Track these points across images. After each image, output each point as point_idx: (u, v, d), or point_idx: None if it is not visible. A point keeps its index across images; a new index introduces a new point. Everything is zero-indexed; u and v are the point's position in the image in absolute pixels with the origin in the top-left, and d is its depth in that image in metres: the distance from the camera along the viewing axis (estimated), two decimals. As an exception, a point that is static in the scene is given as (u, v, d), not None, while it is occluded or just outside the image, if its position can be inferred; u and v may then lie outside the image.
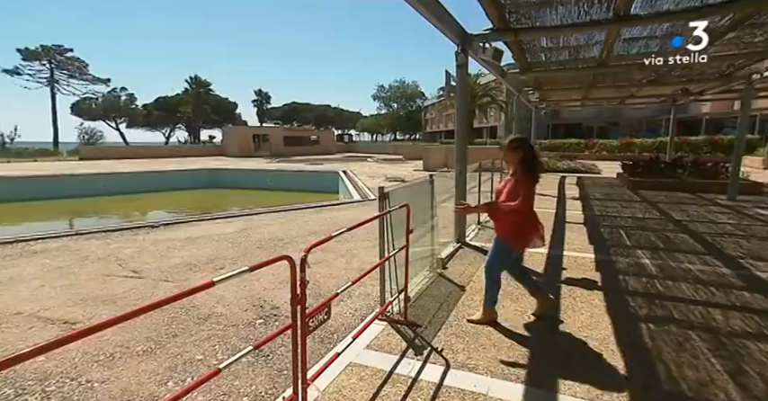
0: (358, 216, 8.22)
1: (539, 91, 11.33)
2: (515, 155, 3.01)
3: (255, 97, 65.68)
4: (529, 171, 2.97)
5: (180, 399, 1.39)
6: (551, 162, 19.06)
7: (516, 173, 3.02)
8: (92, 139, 43.59)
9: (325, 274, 4.50)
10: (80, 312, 3.57)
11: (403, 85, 71.24)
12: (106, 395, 2.38)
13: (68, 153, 32.55)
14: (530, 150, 3.02)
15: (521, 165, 2.98)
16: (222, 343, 3.00)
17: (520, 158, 2.99)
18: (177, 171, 20.05)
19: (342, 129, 70.70)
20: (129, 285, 4.25)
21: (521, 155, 2.99)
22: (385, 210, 3.27)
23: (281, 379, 2.53)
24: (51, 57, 43.50)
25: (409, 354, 2.78)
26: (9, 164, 24.00)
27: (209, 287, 1.45)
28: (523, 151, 3.00)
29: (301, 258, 1.89)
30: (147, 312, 1.22)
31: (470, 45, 5.40)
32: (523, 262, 3.52)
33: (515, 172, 3.04)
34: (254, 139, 35.68)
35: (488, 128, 44.87)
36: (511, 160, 3.07)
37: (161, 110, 51.30)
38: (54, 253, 5.49)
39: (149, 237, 6.40)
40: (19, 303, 3.75)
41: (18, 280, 4.40)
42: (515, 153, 3.02)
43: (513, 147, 3.04)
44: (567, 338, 2.95)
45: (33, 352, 0.94)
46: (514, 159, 3.02)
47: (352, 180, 14.58)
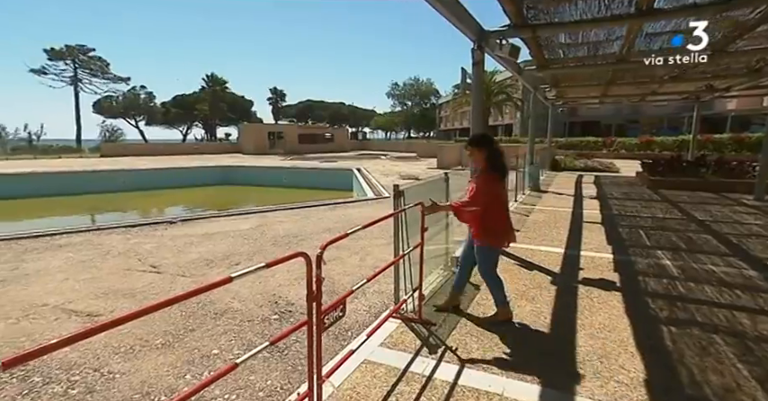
0: (372, 213, 8.23)
1: (556, 88, 11.13)
2: (481, 154, 2.96)
3: (271, 95, 66.31)
4: (495, 169, 2.94)
5: (197, 392, 1.41)
6: (568, 160, 18.75)
7: (483, 172, 2.96)
8: (112, 137, 44.65)
9: (339, 271, 4.52)
10: (102, 305, 3.67)
11: (417, 83, 70.93)
12: (127, 386, 2.44)
13: (90, 150, 33.41)
14: (495, 147, 2.97)
15: (488, 163, 2.94)
16: (238, 338, 3.04)
17: (485, 156, 2.94)
18: (194, 168, 20.38)
19: (356, 127, 70.84)
20: (147, 279, 4.34)
21: (486, 153, 2.95)
22: (400, 208, 3.27)
23: (296, 375, 2.55)
24: (75, 57, 44.65)
25: (423, 353, 2.77)
26: (36, 160, 24.78)
27: (227, 283, 1.47)
28: (488, 149, 2.95)
29: (317, 255, 1.90)
30: (167, 306, 1.24)
31: (487, 42, 5.32)
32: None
33: (483, 170, 2.97)
34: (269, 137, 36.00)
35: (504, 125, 44.37)
36: (476, 158, 3.00)
37: (179, 107, 52.18)
38: (77, 247, 5.65)
39: (167, 233, 6.53)
40: (45, 295, 3.87)
41: (44, 272, 4.55)
42: (481, 151, 2.96)
43: (479, 144, 2.99)
44: (585, 339, 2.89)
45: (60, 344, 0.96)
46: (480, 157, 2.97)
47: (366, 177, 14.60)
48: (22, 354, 0.89)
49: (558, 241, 5.74)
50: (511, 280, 4.15)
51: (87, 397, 2.33)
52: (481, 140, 2.99)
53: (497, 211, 3.02)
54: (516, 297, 3.71)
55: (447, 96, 62.54)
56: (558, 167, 17.58)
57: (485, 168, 2.94)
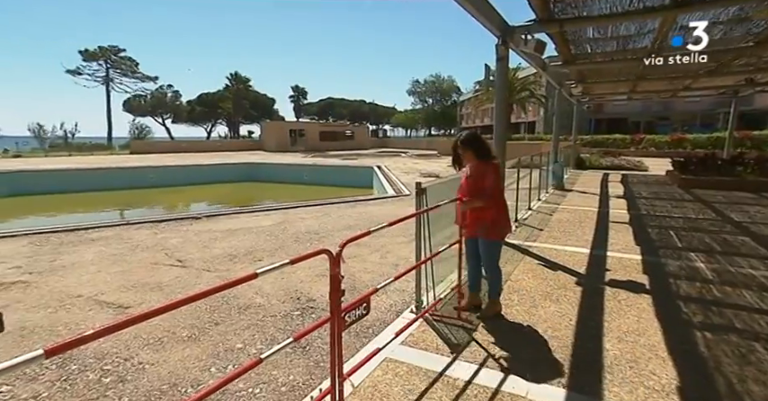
0: (392, 211, 8.22)
1: (582, 84, 10.84)
2: (469, 151, 3.08)
3: (292, 93, 67.07)
4: (488, 157, 3.07)
5: (224, 386, 1.43)
6: (593, 158, 18.24)
7: (478, 165, 3.08)
8: (141, 134, 46.07)
9: (360, 269, 4.53)
10: (131, 297, 3.79)
11: (438, 80, 70.31)
12: (156, 376, 2.51)
13: (120, 147, 34.64)
14: (481, 141, 3.11)
15: (479, 153, 3.06)
16: (261, 333, 3.09)
17: (475, 150, 3.06)
18: (217, 165, 20.84)
19: (376, 125, 70.96)
20: (174, 273, 4.46)
21: (475, 147, 3.07)
22: (422, 206, 3.25)
23: (318, 371, 2.57)
24: (107, 58, 46.33)
25: (444, 352, 2.75)
26: (71, 157, 25.85)
27: (253, 278, 1.49)
28: (475, 145, 3.08)
29: (337, 252, 1.90)
30: (197, 300, 1.27)
31: (511, 37, 5.22)
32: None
33: (477, 164, 3.09)
34: (291, 134, 36.45)
35: (526, 123, 43.53)
36: (467, 156, 3.12)
37: (203, 106, 53.43)
38: (108, 241, 5.86)
39: (193, 228, 6.69)
40: (79, 286, 4.03)
41: (78, 265, 4.73)
42: (468, 149, 3.08)
43: (464, 143, 3.09)
44: (613, 342, 2.81)
45: (98, 334, 0.99)
46: (471, 155, 3.09)
47: (387, 175, 14.59)
48: (64, 343, 0.92)
49: (583, 241, 5.59)
50: (534, 281, 4.07)
51: (119, 386, 2.41)
52: (466, 139, 3.11)
53: (504, 202, 3.17)
54: (540, 297, 3.63)
55: (468, 93, 61.80)
56: (582, 166, 17.13)
57: (480, 158, 3.07)
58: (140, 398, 2.30)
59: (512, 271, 4.38)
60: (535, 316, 3.25)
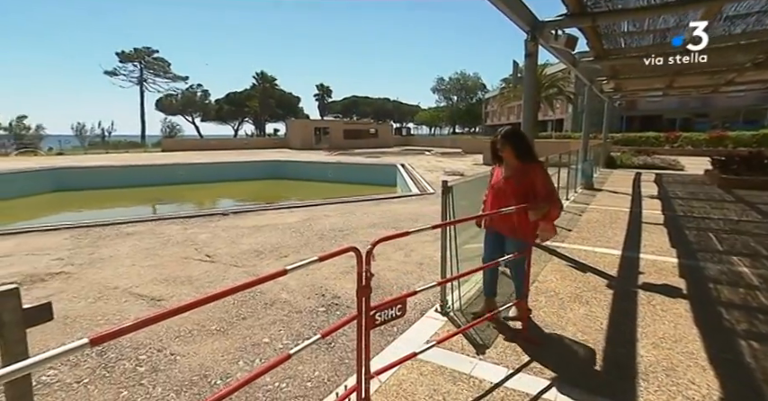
0: (416, 209, 8.18)
1: (614, 80, 10.46)
2: (509, 148, 2.85)
3: (317, 91, 67.73)
4: (531, 156, 2.88)
5: (254, 380, 1.46)
6: (624, 157, 17.61)
7: (522, 166, 2.85)
8: (172, 133, 47.66)
9: (384, 267, 4.53)
10: (163, 290, 3.92)
11: (463, 77, 69.47)
12: (186, 367, 2.59)
13: (152, 145, 35.92)
14: (525, 138, 2.91)
15: (520, 152, 2.86)
16: (287, 328, 3.13)
17: (515, 147, 2.85)
18: (244, 162, 21.30)
19: (400, 123, 70.81)
20: (203, 268, 4.58)
21: (515, 144, 2.86)
22: (448, 205, 3.21)
23: (343, 368, 2.58)
24: (141, 59, 48.16)
25: (470, 352, 2.71)
26: (107, 154, 27.02)
27: (282, 275, 1.50)
28: (515, 141, 2.86)
29: (367, 251, 1.89)
30: (231, 295, 1.29)
31: (541, 33, 5.09)
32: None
33: (518, 164, 2.86)
34: (316, 132, 36.85)
35: (554, 120, 42.45)
36: (507, 154, 2.89)
37: (231, 104, 54.71)
38: (142, 235, 6.08)
39: (221, 224, 6.86)
40: (115, 279, 4.21)
41: (114, 258, 4.94)
42: (507, 145, 2.85)
43: (506, 138, 2.85)
44: (647, 348, 2.70)
45: (139, 325, 1.02)
46: (511, 153, 2.86)
47: (411, 173, 14.54)
48: (108, 333, 0.96)
49: (614, 242, 5.40)
50: (563, 282, 3.96)
51: (153, 375, 2.50)
52: (511, 135, 2.87)
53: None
54: (569, 299, 3.53)
55: (494, 91, 60.79)
56: (613, 164, 16.57)
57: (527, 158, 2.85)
58: (173, 388, 2.38)
59: (539, 272, 4.28)
60: (564, 319, 3.16)
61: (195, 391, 2.35)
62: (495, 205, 2.96)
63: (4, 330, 0.96)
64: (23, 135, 31.76)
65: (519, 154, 2.84)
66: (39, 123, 33.20)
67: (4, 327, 0.96)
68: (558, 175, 7.95)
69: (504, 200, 2.89)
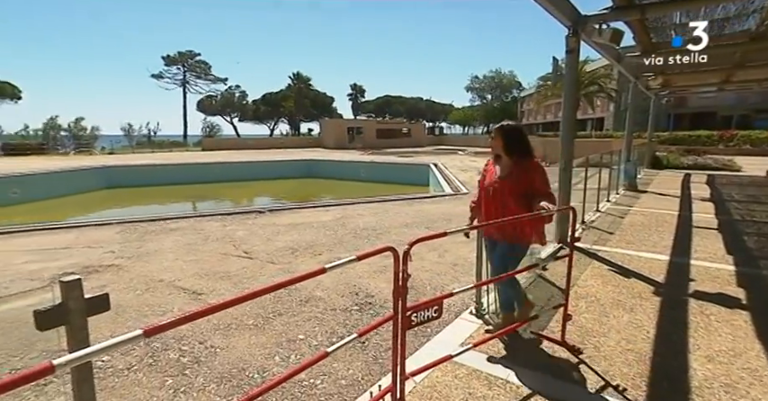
0: (449, 209, 8.09)
1: (662, 76, 9.90)
2: (504, 143, 2.70)
3: (351, 91, 68.41)
4: (525, 150, 2.71)
5: (292, 377, 1.48)
6: (672, 157, 16.65)
7: (521, 163, 2.68)
8: (211, 132, 49.58)
9: (417, 267, 4.50)
10: (204, 284, 4.08)
11: (498, 75, 67.95)
12: (225, 360, 2.68)
13: (193, 144, 37.52)
14: (522, 132, 2.75)
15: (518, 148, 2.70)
16: (321, 326, 3.18)
17: (510, 143, 2.70)
18: (280, 161, 21.84)
19: (433, 122, 70.30)
20: (241, 264, 4.73)
21: (511, 140, 2.70)
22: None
23: (376, 367, 2.59)
24: (185, 62, 50.46)
25: (507, 357, 2.64)
26: (153, 153, 28.48)
27: (321, 273, 1.52)
28: (512, 137, 2.71)
29: (404, 251, 1.88)
30: (273, 291, 1.32)
31: (583, 27, 4.89)
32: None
33: (517, 161, 2.69)
34: (349, 132, 37.24)
35: (594, 119, 40.76)
36: (499, 147, 2.73)
37: (267, 105, 56.23)
38: (184, 231, 6.36)
39: (257, 222, 7.06)
40: (160, 272, 4.42)
41: (159, 252, 5.19)
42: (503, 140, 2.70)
43: (499, 132, 2.70)
44: (701, 362, 2.53)
45: (189, 318, 1.07)
46: (505, 149, 2.71)
47: (443, 173, 14.40)
48: (160, 325, 1.01)
49: (660, 247, 5.12)
50: (604, 287, 3.80)
51: (195, 366, 2.60)
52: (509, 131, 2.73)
53: None
54: (611, 305, 3.38)
55: (530, 89, 59.13)
56: (659, 165, 15.70)
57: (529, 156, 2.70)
58: (213, 379, 2.47)
59: (578, 275, 4.12)
60: (606, 326, 3.03)
61: (234, 384, 2.43)
62: (490, 208, 2.76)
63: (69, 317, 1.03)
64: (81, 135, 34.03)
65: (514, 150, 2.69)
66: (94, 124, 35.45)
67: (70, 314, 1.03)
68: (598, 176, 7.64)
69: (501, 202, 2.69)
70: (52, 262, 4.74)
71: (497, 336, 2.84)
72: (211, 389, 2.37)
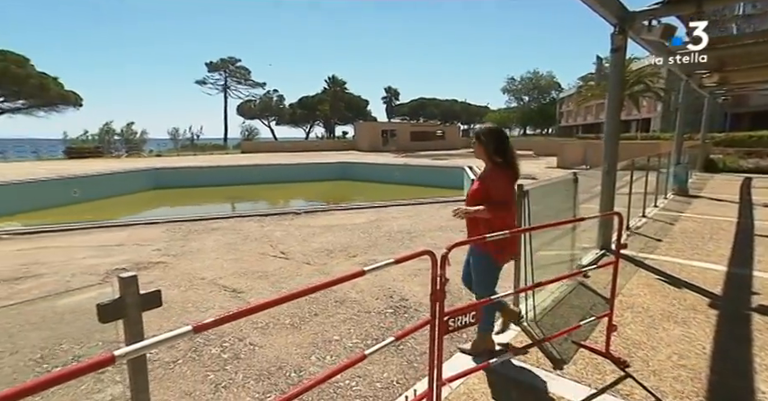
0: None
1: (718, 73, 9.25)
2: (482, 147, 2.55)
3: (385, 94, 68.73)
4: (502, 160, 2.52)
5: (331, 378, 1.50)
6: (728, 160, 15.55)
7: (493, 168, 2.56)
8: (250, 136, 51.29)
9: (452, 270, 4.41)
10: (243, 283, 4.21)
11: (536, 76, 66.16)
12: (263, 358, 2.75)
13: (233, 147, 38.98)
14: (501, 137, 2.58)
15: (493, 154, 2.53)
16: (356, 328, 3.19)
17: (486, 147, 2.53)
18: (315, 164, 22.25)
19: (468, 124, 69.33)
20: (278, 264, 4.85)
21: (487, 144, 2.54)
22: (524, 209, 3.07)
23: (411, 371, 2.57)
24: (226, 68, 52.63)
25: (546, 366, 2.55)
26: (196, 156, 29.85)
27: (360, 276, 1.53)
28: (489, 141, 2.54)
29: (442, 255, 1.86)
30: (312, 293, 1.34)
31: (631, 24, 4.67)
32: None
33: (490, 167, 2.57)
34: (383, 135, 37.41)
35: (639, 120, 38.75)
36: (480, 153, 2.60)
37: (303, 108, 57.51)
38: (224, 231, 6.60)
39: (293, 223, 7.22)
40: (203, 270, 4.61)
41: (202, 251, 5.42)
42: (481, 145, 2.56)
43: (479, 137, 2.57)
44: None
45: (235, 316, 1.10)
46: (483, 153, 2.56)
47: (478, 176, 14.14)
48: (209, 322, 1.05)
49: (716, 256, 4.78)
50: (652, 298, 3.59)
51: (235, 362, 2.69)
52: (482, 132, 2.61)
53: (513, 216, 2.67)
54: (661, 317, 3.19)
55: (569, 89, 57.13)
56: (714, 168, 14.70)
57: (494, 163, 2.55)
58: (252, 376, 2.54)
59: (623, 284, 3.92)
60: (655, 339, 2.86)
61: (272, 381, 2.48)
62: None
63: (127, 311, 1.09)
64: (131, 139, 36.19)
65: (490, 154, 2.54)
66: (143, 129, 37.61)
67: (127, 308, 1.09)
68: (645, 180, 7.24)
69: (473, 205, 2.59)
70: (107, 258, 5.06)
71: (537, 344, 2.76)
72: (250, 386, 2.43)
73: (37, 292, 3.99)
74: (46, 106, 32.40)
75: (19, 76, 28.45)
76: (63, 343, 2.95)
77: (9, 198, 11.69)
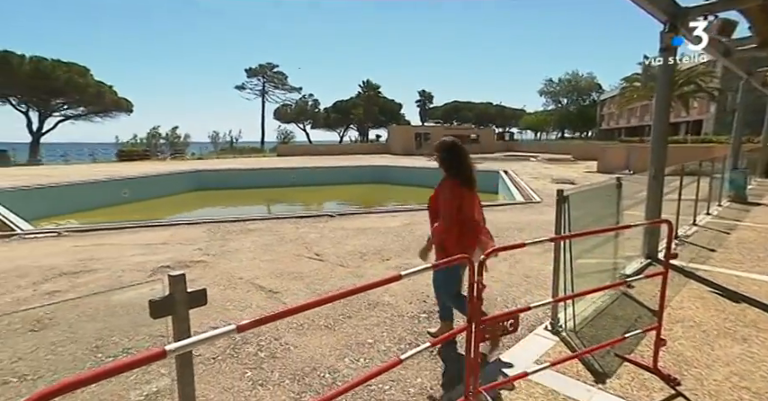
0: (520, 218, 7.75)
1: (782, 70, 8.59)
2: (439, 160, 2.79)
3: (419, 97, 68.65)
4: (452, 173, 2.72)
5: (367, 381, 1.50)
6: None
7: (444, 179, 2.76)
8: (286, 139, 52.64)
9: (487, 276, 4.33)
10: (279, 283, 4.31)
11: (575, 78, 63.88)
12: (299, 358, 2.79)
13: (270, 150, 40.13)
14: (455, 152, 2.77)
15: (446, 166, 2.75)
16: (389, 331, 3.19)
17: (442, 160, 2.77)
18: (349, 167, 22.50)
19: (503, 127, 67.95)
20: (313, 266, 4.93)
21: (443, 157, 2.77)
22: (563, 215, 2.96)
23: (446, 378, 2.53)
24: (264, 73, 54.42)
25: (587, 379, 2.44)
26: (234, 159, 30.97)
27: (397, 280, 1.53)
28: (444, 154, 2.78)
29: (480, 261, 1.83)
30: (350, 296, 1.35)
31: (683, 21, 4.42)
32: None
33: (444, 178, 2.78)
34: (416, 138, 37.35)
35: (689, 122, 36.54)
36: (438, 164, 2.82)
37: (337, 112, 58.40)
38: (261, 232, 6.79)
39: (328, 225, 7.33)
40: (240, 270, 4.76)
41: (239, 251, 5.60)
42: (438, 157, 2.79)
43: (437, 150, 2.80)
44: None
45: (273, 317, 1.13)
46: (441, 165, 2.79)
47: (514, 180, 13.83)
48: (251, 322, 1.08)
49: (779, 269, 4.42)
50: (706, 312, 3.36)
51: (271, 361, 2.75)
52: (438, 146, 2.84)
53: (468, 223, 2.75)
54: (717, 334, 2.98)
55: (611, 91, 54.73)
56: (775, 173, 13.59)
57: (448, 175, 2.76)
58: (288, 375, 2.58)
59: (672, 296, 3.69)
60: (710, 357, 2.67)
61: (307, 381, 2.52)
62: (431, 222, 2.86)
63: (175, 308, 1.14)
64: (176, 142, 38.08)
65: (446, 167, 2.75)
66: (186, 132, 39.48)
67: (176, 305, 1.14)
68: (697, 185, 6.82)
69: (432, 215, 2.84)
70: (153, 256, 5.33)
71: (578, 356, 2.64)
72: (286, 385, 2.48)
73: (93, 286, 4.26)
74: (102, 112, 34.79)
75: (80, 86, 30.75)
76: (114, 334, 3.13)
77: (71, 197, 12.66)
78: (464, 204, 2.71)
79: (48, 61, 29.55)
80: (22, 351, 2.90)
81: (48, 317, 3.42)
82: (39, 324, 3.32)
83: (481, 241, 2.71)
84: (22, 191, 11.63)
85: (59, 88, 29.87)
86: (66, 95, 31.13)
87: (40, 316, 3.44)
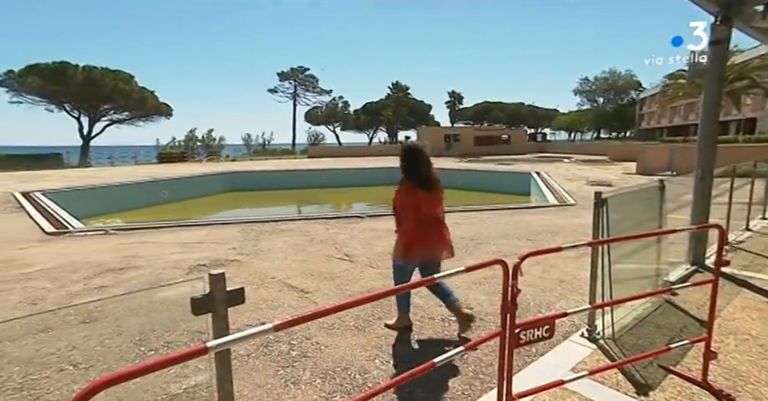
0: (554, 221, 7.52)
1: None
2: (400, 163, 3.04)
3: (449, 98, 68.08)
4: (408, 173, 2.99)
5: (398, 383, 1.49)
6: None
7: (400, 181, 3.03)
8: (316, 141, 53.56)
9: (519, 280, 4.24)
10: (310, 283, 4.37)
11: (613, 76, 61.49)
12: (329, 358, 2.82)
13: (300, 152, 40.94)
14: (412, 155, 3.03)
15: (403, 168, 3.03)
16: (419, 334, 3.17)
17: (402, 163, 3.02)
18: (378, 168, 22.58)
19: (535, 128, 66.27)
20: (343, 266, 4.97)
21: (402, 160, 3.04)
22: (600, 219, 2.85)
23: (477, 383, 2.48)
24: (296, 77, 55.70)
25: (628, 390, 2.33)
26: (267, 160, 31.82)
27: (430, 283, 1.51)
28: (403, 158, 3.04)
29: (514, 265, 1.79)
30: (384, 297, 1.35)
31: (737, 12, 4.15)
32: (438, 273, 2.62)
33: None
34: (446, 139, 37.05)
35: (741, 120, 34.28)
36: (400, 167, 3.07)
37: (367, 114, 58.84)
38: (292, 232, 6.93)
39: (357, 226, 7.38)
40: (272, 269, 4.87)
41: (271, 251, 5.73)
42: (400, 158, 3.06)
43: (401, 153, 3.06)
44: None
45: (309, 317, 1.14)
46: (400, 166, 3.04)
47: (547, 182, 13.45)
48: (288, 321, 1.10)
49: None
50: (762, 324, 3.15)
51: (302, 360, 2.79)
52: (400, 151, 3.11)
53: (424, 222, 3.01)
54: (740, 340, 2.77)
55: (652, 89, 52.22)
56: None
57: (404, 177, 3.04)
58: (319, 374, 2.61)
59: (723, 306, 3.47)
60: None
61: (337, 381, 2.54)
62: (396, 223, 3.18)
63: (215, 306, 1.18)
64: (211, 145, 39.55)
65: (401, 169, 3.03)
66: (221, 135, 40.95)
67: (216, 303, 1.18)
68: (750, 188, 6.39)
69: (396, 215, 3.16)
70: (190, 255, 5.55)
71: (618, 366, 2.53)
72: (317, 384, 2.51)
73: (135, 282, 4.48)
74: (144, 117, 36.70)
75: (125, 92, 32.63)
76: (156, 329, 3.27)
77: (116, 197, 13.43)
78: (422, 203, 2.95)
79: (97, 69, 31.55)
80: (75, 342, 3.09)
81: (97, 311, 3.63)
82: (89, 316, 3.52)
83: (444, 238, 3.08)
84: (76, 191, 12.42)
85: (107, 94, 31.86)
86: (113, 101, 33.12)
87: (90, 309, 3.65)
